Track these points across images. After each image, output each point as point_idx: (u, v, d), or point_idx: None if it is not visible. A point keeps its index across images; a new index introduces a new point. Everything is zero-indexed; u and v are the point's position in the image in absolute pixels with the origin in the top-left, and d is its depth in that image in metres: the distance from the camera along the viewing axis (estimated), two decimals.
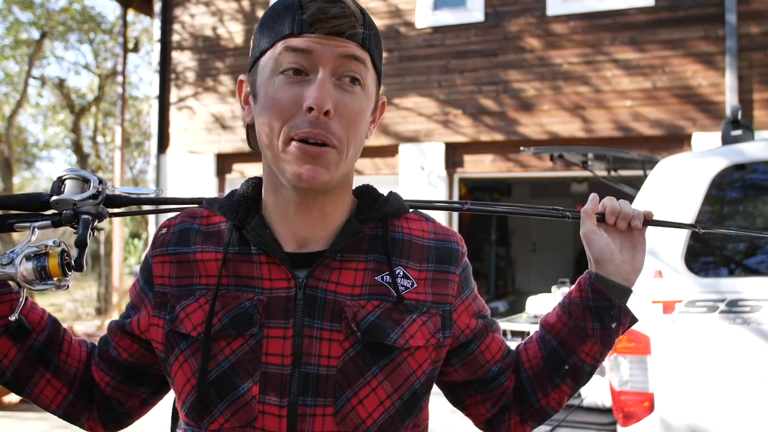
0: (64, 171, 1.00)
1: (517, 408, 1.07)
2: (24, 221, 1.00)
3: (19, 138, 16.80)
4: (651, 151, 6.27)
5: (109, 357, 1.03)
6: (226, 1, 8.90)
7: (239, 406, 0.89)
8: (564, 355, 1.04)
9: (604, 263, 1.03)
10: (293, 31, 0.87)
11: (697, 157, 3.04)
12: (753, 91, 6.65)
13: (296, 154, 0.86)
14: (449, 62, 7.75)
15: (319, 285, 0.92)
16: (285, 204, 0.93)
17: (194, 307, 0.92)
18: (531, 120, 7.40)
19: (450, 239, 1.01)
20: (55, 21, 14.02)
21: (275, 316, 0.90)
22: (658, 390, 2.72)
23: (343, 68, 0.88)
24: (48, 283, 0.95)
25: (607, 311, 1.02)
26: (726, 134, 3.33)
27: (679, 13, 6.91)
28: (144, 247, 10.83)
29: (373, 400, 0.90)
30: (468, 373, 1.04)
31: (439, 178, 7.71)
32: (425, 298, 0.95)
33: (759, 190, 3.00)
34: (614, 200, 1.05)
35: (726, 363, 2.66)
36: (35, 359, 1.00)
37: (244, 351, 0.90)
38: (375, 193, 1.01)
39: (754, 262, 2.89)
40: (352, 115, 0.88)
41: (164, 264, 0.97)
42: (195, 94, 8.95)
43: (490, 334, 1.05)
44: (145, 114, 17.02)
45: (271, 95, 0.88)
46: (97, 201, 0.99)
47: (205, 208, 1.01)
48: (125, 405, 1.05)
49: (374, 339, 0.90)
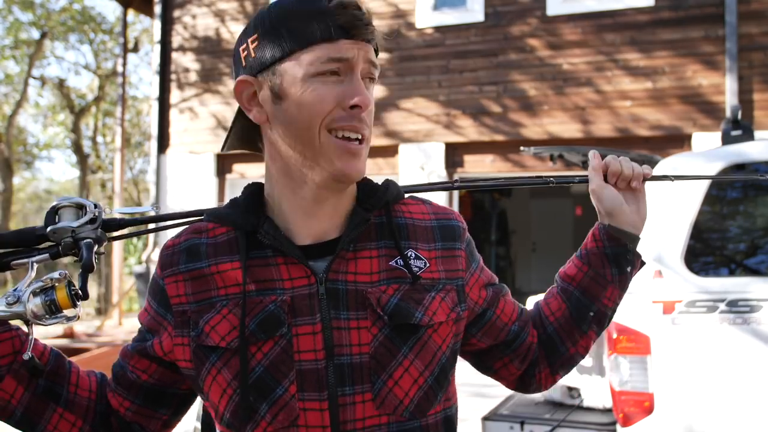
0: (57, 200, 0.99)
1: (546, 360, 1.13)
2: (21, 257, 0.98)
3: (19, 138, 16.81)
4: (651, 151, 6.27)
5: (126, 381, 1.03)
6: (227, 2, 8.90)
7: (280, 408, 0.91)
8: (588, 302, 1.11)
9: (615, 214, 1.11)
10: (330, 36, 0.91)
11: (697, 157, 3.04)
12: (753, 91, 6.65)
13: (338, 151, 0.92)
14: (449, 62, 7.75)
15: (339, 277, 0.94)
16: (303, 201, 0.96)
17: (218, 319, 0.93)
18: (531, 120, 7.40)
19: (450, 217, 1.06)
20: (55, 21, 14.04)
21: (301, 314, 0.92)
22: (658, 390, 2.72)
23: (369, 70, 0.95)
24: (58, 316, 0.94)
25: (623, 256, 1.10)
26: (726, 134, 3.33)
27: (680, 14, 6.92)
28: (144, 247, 10.83)
29: (407, 380, 0.93)
30: (491, 339, 1.09)
31: (439, 178, 7.71)
32: (439, 276, 0.99)
33: (759, 190, 3.00)
34: (615, 160, 1.14)
35: (726, 363, 2.66)
36: (44, 395, 0.99)
37: (276, 352, 0.92)
38: (372, 182, 1.04)
39: (754, 262, 2.89)
40: (373, 109, 0.96)
41: (178, 283, 0.97)
42: (195, 95, 8.96)
43: (501, 298, 1.10)
44: (145, 114, 17.02)
45: (310, 95, 0.91)
46: (95, 225, 0.98)
47: (208, 221, 1.01)
48: (146, 429, 1.05)
49: (401, 320, 0.94)
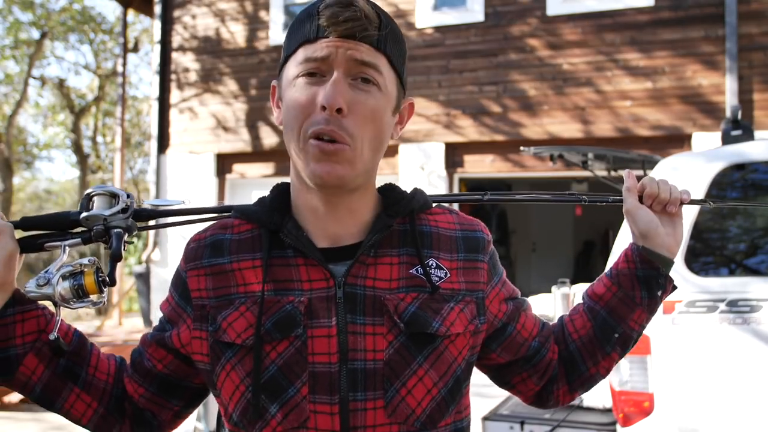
0: (93, 188, 1.02)
1: (565, 378, 1.11)
2: (54, 240, 1.01)
3: (19, 138, 16.81)
4: (651, 151, 6.27)
5: (143, 369, 1.04)
6: (227, 2, 8.90)
7: (290, 408, 0.91)
8: (614, 323, 1.09)
9: (650, 237, 1.08)
10: (310, 37, 0.91)
11: (697, 157, 3.04)
12: (753, 91, 6.65)
13: (313, 152, 0.90)
14: (449, 62, 7.75)
15: (357, 282, 0.94)
16: (314, 203, 0.96)
17: (235, 316, 0.94)
18: (531, 120, 7.40)
19: (475, 228, 1.04)
20: (55, 21, 14.03)
21: (317, 316, 0.92)
22: (658, 390, 2.72)
23: (356, 70, 0.91)
24: (84, 300, 0.97)
25: (654, 280, 1.08)
26: (726, 134, 3.33)
27: (680, 14, 6.92)
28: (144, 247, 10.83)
29: (420, 389, 0.93)
30: (510, 355, 1.07)
31: (439, 178, 7.71)
32: (459, 287, 0.99)
33: (759, 190, 3.00)
34: (653, 182, 1.09)
35: (726, 363, 2.65)
36: (63, 375, 1.01)
37: (291, 353, 0.92)
38: (399, 190, 1.03)
39: (754, 262, 2.89)
40: (366, 112, 0.91)
41: (200, 277, 0.98)
42: (195, 95, 8.95)
43: (522, 313, 1.08)
44: (145, 114, 17.02)
45: (290, 97, 0.92)
46: (127, 215, 1.00)
47: (236, 218, 1.02)
48: (158, 417, 1.06)
49: (417, 329, 0.93)
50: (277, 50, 8.52)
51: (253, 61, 8.69)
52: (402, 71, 0.98)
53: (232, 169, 8.86)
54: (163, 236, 8.89)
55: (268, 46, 8.62)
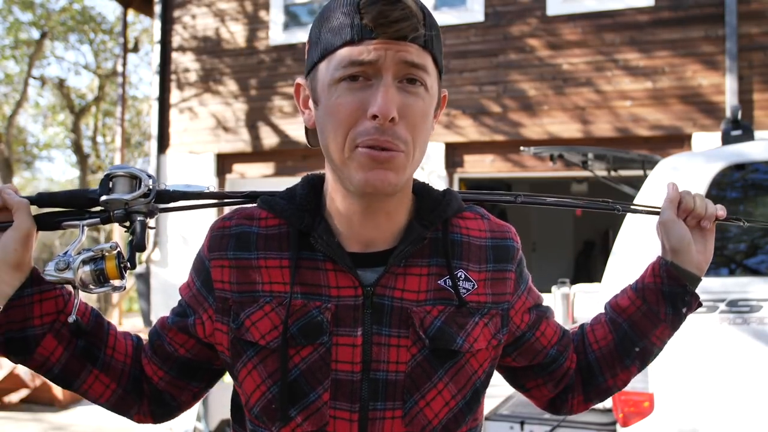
0: (113, 168, 0.97)
1: (581, 387, 1.10)
2: (72, 219, 0.99)
3: (19, 138, 16.80)
4: (651, 151, 6.27)
5: (163, 352, 1.02)
6: (227, 2, 8.90)
7: (311, 412, 0.91)
8: (635, 338, 1.07)
9: (682, 253, 1.05)
10: (354, 38, 0.84)
11: (697, 157, 3.03)
12: (753, 91, 6.65)
13: (362, 160, 0.85)
14: (449, 62, 7.74)
15: (386, 293, 0.92)
16: (352, 207, 0.93)
17: (259, 315, 0.92)
18: (531, 120, 7.39)
19: (506, 236, 1.02)
20: (55, 21, 14.03)
21: (343, 324, 0.91)
22: (658, 390, 2.72)
23: (405, 72, 0.85)
24: (105, 285, 0.96)
25: (680, 297, 1.05)
26: (726, 134, 3.33)
27: (680, 14, 6.91)
28: None
29: (439, 402, 0.92)
30: (526, 360, 1.06)
31: (439, 178, 7.71)
32: (486, 300, 0.97)
33: (759, 190, 3.00)
34: (689, 196, 1.06)
35: (726, 363, 2.65)
36: (82, 356, 1.00)
37: (314, 359, 0.91)
38: (435, 193, 0.99)
39: (754, 262, 2.89)
40: (416, 117, 0.87)
41: (224, 269, 0.95)
42: (195, 95, 8.95)
43: (544, 321, 1.06)
44: (145, 114, 17.01)
45: (333, 103, 0.86)
46: (149, 199, 0.97)
47: (263, 209, 0.98)
48: (177, 399, 1.06)
49: (441, 345, 0.92)
50: (277, 50, 8.52)
51: (253, 61, 8.68)
52: (442, 67, 0.93)
53: (232, 169, 8.86)
54: (164, 236, 8.88)
55: (268, 46, 8.61)
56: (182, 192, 1.03)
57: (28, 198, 0.96)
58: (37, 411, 5.53)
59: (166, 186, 1.02)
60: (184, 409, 1.09)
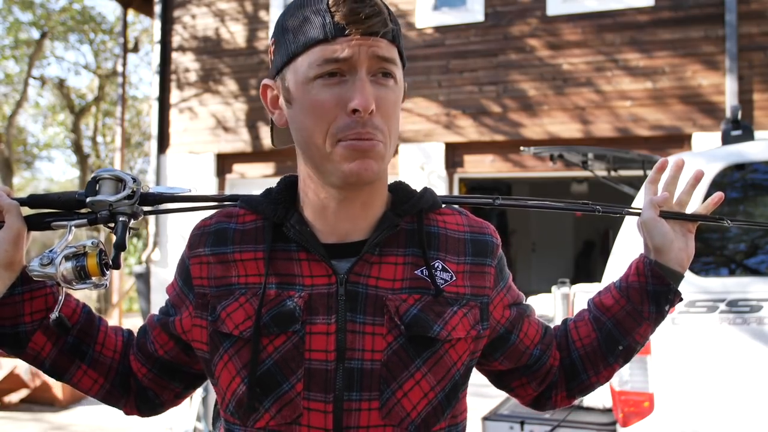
0: (100, 171, 1.01)
1: (564, 384, 1.12)
2: (61, 220, 1.02)
3: (19, 138, 16.80)
4: (651, 151, 6.27)
5: (146, 350, 1.06)
6: (227, 2, 8.90)
7: (284, 403, 0.91)
8: (619, 336, 1.08)
9: (665, 251, 1.07)
10: (327, 36, 0.87)
11: (697, 157, 3.04)
12: (753, 91, 6.65)
13: (345, 153, 0.88)
14: (449, 62, 7.75)
15: (360, 280, 0.93)
16: (327, 200, 0.94)
17: (234, 306, 0.94)
18: (531, 120, 7.40)
19: (485, 232, 1.03)
20: (55, 21, 14.03)
21: (317, 313, 0.91)
22: (658, 390, 2.72)
23: (378, 66, 0.89)
24: (87, 282, 0.98)
25: (664, 296, 1.07)
26: (726, 134, 3.33)
27: (680, 14, 6.92)
28: (144, 247, 10.84)
29: (417, 393, 0.92)
30: (512, 363, 1.07)
31: (439, 178, 7.71)
32: (464, 291, 0.97)
33: (759, 190, 3.00)
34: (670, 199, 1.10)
35: (726, 363, 2.66)
36: (71, 352, 1.04)
37: (288, 348, 0.91)
38: (409, 188, 1.02)
39: (754, 262, 2.89)
40: (389, 108, 0.90)
41: (202, 265, 0.98)
42: (195, 95, 8.95)
43: (525, 319, 1.07)
44: (145, 114, 17.02)
45: (311, 99, 0.89)
46: (132, 201, 1.00)
47: (241, 207, 1.01)
48: (160, 397, 1.10)
49: (418, 332, 0.92)
50: None
51: (253, 61, 8.69)
52: (405, 58, 0.96)
53: (232, 169, 8.86)
54: (163, 236, 8.89)
55: (268, 46, 8.61)
56: (166, 195, 1.06)
57: (19, 200, 1.00)
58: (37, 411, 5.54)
59: (150, 189, 1.06)
60: (168, 407, 1.13)
